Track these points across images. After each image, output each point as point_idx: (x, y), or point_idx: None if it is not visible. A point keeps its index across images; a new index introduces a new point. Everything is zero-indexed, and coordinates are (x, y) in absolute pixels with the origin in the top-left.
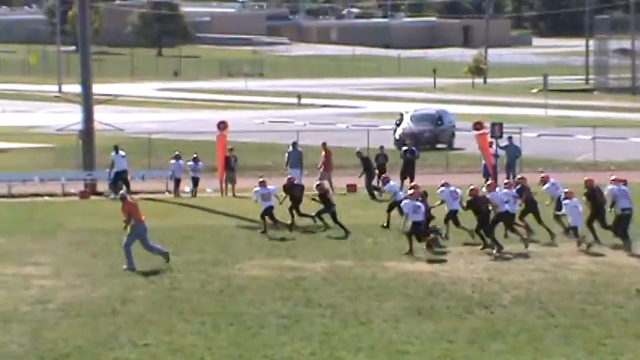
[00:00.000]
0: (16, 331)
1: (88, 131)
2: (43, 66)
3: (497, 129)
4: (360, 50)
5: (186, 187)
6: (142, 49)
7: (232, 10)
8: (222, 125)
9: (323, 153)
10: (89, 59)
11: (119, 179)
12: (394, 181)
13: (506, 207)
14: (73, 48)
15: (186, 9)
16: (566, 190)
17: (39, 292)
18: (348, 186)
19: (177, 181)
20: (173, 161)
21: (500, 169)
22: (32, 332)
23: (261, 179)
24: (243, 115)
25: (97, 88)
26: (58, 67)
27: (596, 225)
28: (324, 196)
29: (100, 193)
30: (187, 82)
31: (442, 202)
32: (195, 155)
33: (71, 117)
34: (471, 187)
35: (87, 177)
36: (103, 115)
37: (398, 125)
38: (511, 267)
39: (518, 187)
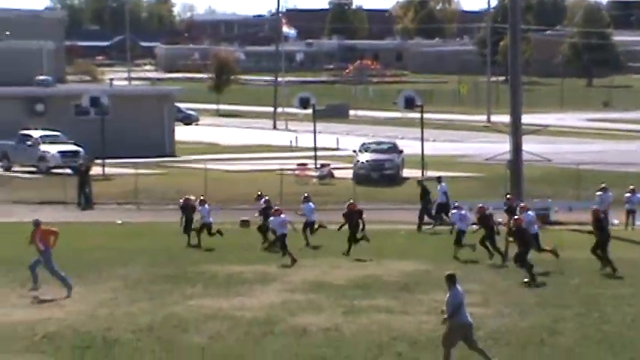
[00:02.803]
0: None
1: (516, 161)
2: (473, 96)
3: None
4: None
5: (614, 219)
6: (572, 79)
7: None
8: None
9: None
10: (519, 90)
11: (441, 211)
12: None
13: None
14: (502, 78)
15: (618, 38)
16: None
17: None
18: None
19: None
20: (599, 193)
21: None
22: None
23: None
24: None
25: (526, 119)
26: (488, 98)
27: None
28: None
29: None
30: (618, 113)
31: None
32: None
33: (499, 147)
34: None
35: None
36: (530, 146)
37: None
38: None
39: None
